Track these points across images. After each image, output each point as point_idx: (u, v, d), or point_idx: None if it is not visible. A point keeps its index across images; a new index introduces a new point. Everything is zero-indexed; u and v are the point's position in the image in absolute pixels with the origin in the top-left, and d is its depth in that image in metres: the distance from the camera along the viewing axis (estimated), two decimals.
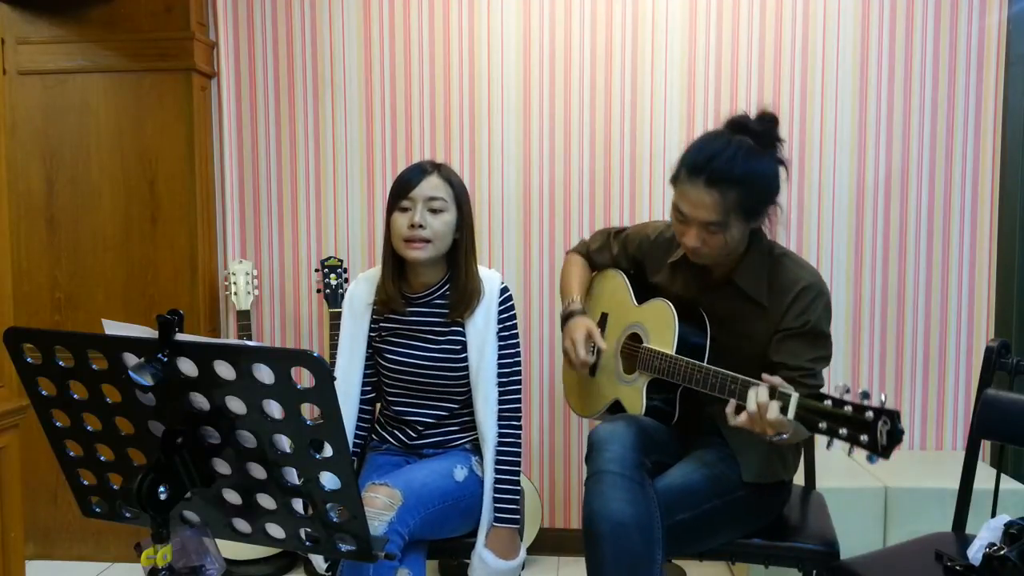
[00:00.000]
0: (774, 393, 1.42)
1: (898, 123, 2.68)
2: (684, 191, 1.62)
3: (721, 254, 1.68)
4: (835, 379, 2.70)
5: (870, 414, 1.27)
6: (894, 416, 1.26)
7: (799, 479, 1.96)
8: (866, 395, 1.30)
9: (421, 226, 1.75)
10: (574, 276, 2.04)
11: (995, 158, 2.66)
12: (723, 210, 1.58)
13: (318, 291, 2.76)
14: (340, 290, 2.62)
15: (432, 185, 1.78)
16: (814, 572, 1.77)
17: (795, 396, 1.38)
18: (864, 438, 1.27)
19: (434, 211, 1.77)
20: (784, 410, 1.39)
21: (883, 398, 1.28)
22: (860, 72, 2.68)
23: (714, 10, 2.69)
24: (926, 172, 2.68)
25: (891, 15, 2.66)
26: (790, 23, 2.68)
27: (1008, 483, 2.30)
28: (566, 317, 1.93)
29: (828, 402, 1.34)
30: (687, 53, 2.71)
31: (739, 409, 1.49)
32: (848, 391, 1.33)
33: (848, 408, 1.31)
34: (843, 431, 1.31)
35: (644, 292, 1.91)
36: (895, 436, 1.25)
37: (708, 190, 1.58)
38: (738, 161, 1.58)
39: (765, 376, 1.46)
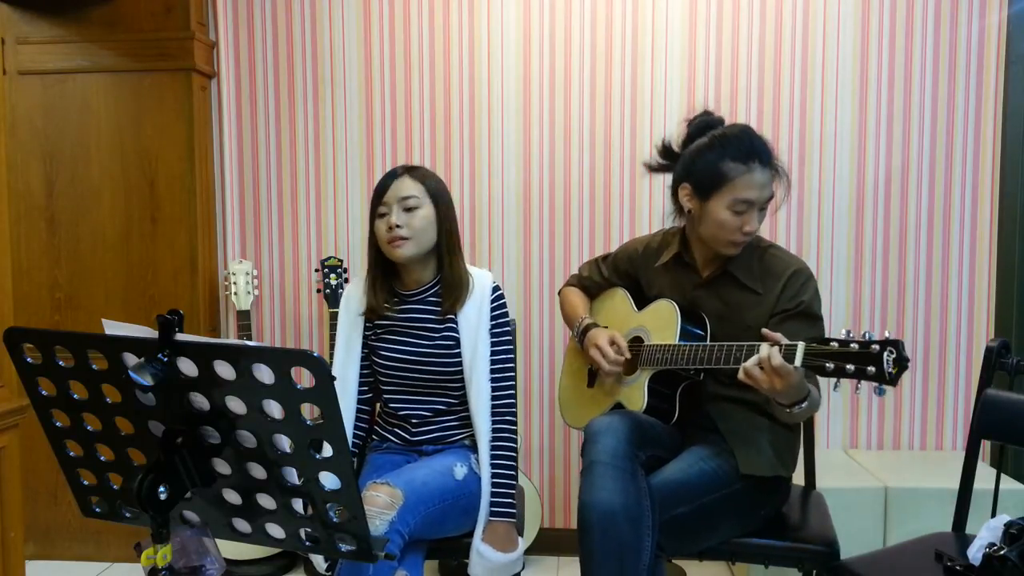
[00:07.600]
0: (780, 348, 1.46)
1: (898, 123, 2.68)
2: (751, 180, 1.70)
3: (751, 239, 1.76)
4: None
5: (875, 347, 1.34)
6: (899, 345, 1.33)
7: (799, 479, 1.96)
8: (868, 334, 1.37)
9: (398, 226, 1.80)
10: (575, 301, 2.09)
11: (995, 158, 2.65)
12: (773, 185, 1.74)
13: (318, 291, 2.76)
14: (340, 290, 2.62)
15: (403, 186, 1.84)
16: (814, 572, 1.77)
17: (801, 344, 1.44)
18: (871, 369, 1.34)
19: (409, 209, 1.82)
20: (791, 359, 1.43)
21: (887, 333, 1.36)
22: (860, 72, 2.68)
23: (714, 10, 2.69)
24: (926, 172, 2.68)
25: (891, 15, 2.66)
26: (790, 23, 2.68)
27: (1008, 483, 2.30)
28: (583, 333, 1.95)
29: (834, 344, 1.40)
30: (687, 53, 2.71)
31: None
32: (850, 334, 1.40)
33: (854, 345, 1.37)
34: (850, 367, 1.36)
35: (645, 303, 1.93)
36: (901, 363, 1.32)
37: (765, 169, 1.72)
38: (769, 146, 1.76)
39: (766, 332, 1.50)
